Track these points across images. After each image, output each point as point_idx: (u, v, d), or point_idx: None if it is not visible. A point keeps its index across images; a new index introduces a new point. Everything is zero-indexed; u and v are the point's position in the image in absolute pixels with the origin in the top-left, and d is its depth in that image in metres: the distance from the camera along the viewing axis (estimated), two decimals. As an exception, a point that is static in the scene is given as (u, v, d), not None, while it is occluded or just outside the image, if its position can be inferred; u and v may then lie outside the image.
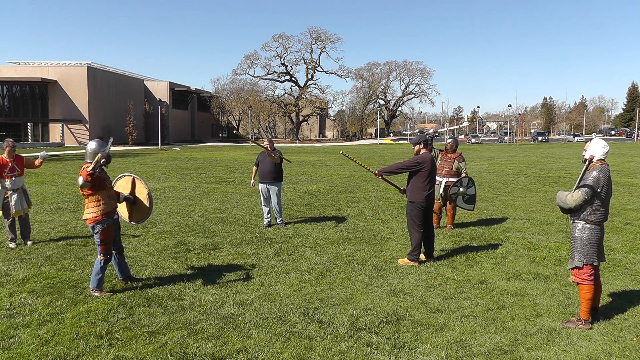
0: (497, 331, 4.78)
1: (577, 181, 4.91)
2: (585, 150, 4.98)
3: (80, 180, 5.43)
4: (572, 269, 5.01)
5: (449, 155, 9.30)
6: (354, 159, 7.37)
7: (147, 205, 6.11)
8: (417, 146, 7.20)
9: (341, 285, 6.09)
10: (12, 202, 7.84)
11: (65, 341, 4.50)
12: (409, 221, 7.23)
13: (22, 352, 4.30)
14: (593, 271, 4.94)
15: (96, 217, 5.64)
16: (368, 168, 7.52)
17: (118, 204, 6.05)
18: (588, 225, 4.92)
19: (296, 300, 5.58)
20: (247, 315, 5.12)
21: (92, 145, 5.77)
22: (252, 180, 10.18)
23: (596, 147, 4.91)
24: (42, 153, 8.26)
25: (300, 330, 4.77)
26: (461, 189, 8.95)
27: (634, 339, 4.62)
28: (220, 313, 5.18)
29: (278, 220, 9.66)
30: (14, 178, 7.81)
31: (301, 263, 7.04)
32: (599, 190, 4.82)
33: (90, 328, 4.78)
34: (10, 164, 7.79)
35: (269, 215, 9.57)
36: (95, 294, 5.66)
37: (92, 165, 5.37)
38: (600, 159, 4.90)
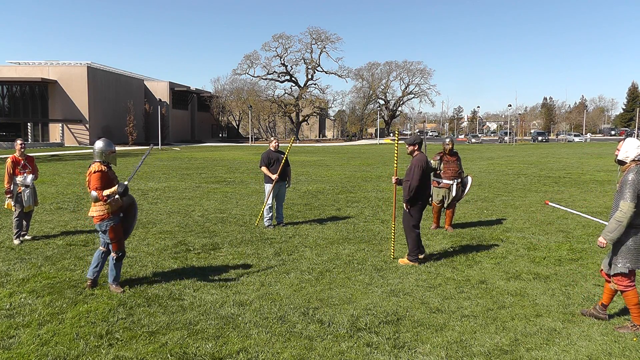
0: (497, 331, 4.79)
1: (617, 189, 4.70)
2: (619, 151, 4.76)
3: (94, 194, 5.64)
4: (615, 275, 4.78)
5: (452, 157, 9.24)
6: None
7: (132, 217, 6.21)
8: (411, 147, 7.27)
9: (341, 285, 6.09)
10: (25, 197, 8.25)
11: (65, 341, 4.50)
12: (404, 222, 7.25)
13: (22, 352, 4.30)
14: (634, 276, 4.79)
15: (102, 215, 5.74)
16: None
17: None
18: (633, 230, 4.67)
19: (296, 300, 5.58)
20: (247, 315, 5.12)
21: (99, 144, 5.89)
22: (274, 175, 9.30)
23: (630, 147, 4.67)
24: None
25: (300, 330, 4.77)
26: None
27: (634, 339, 4.62)
28: (220, 313, 5.18)
29: (278, 220, 9.67)
30: (25, 174, 8.29)
31: (301, 263, 7.04)
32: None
33: (90, 328, 4.78)
34: (22, 162, 8.33)
35: (271, 216, 9.56)
36: (113, 288, 5.81)
37: (109, 193, 5.66)
38: (635, 160, 4.67)
